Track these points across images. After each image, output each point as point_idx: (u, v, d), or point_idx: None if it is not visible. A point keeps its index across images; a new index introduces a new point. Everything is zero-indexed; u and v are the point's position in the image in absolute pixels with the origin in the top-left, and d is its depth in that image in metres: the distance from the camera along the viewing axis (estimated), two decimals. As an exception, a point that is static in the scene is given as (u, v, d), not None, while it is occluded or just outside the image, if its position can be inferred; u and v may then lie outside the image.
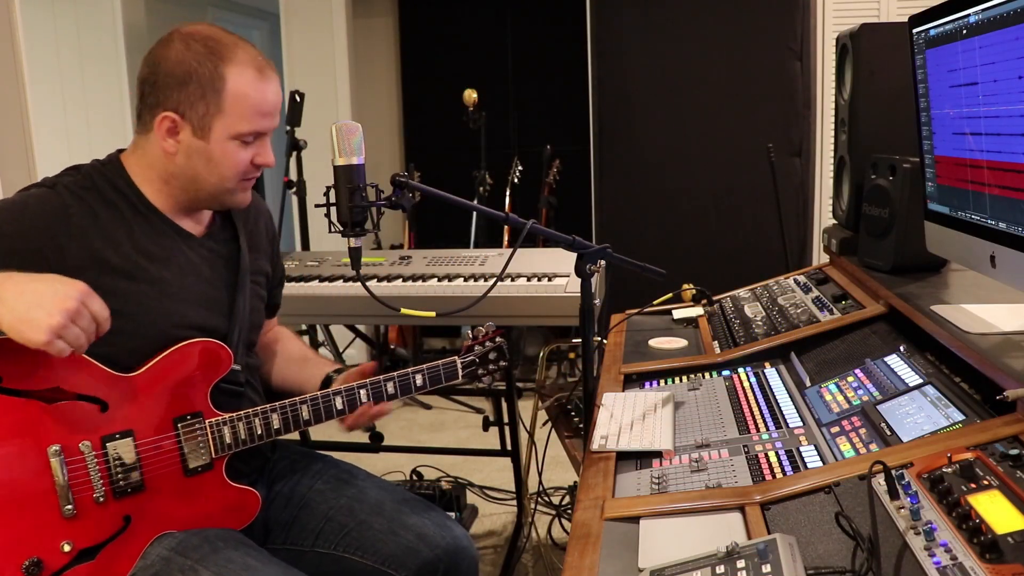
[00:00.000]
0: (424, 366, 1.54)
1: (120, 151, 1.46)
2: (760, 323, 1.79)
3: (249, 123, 1.37)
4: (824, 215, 3.82)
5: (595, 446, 1.31)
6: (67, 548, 1.30)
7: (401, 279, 2.27)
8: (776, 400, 1.41)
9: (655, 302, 2.01)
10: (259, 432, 1.43)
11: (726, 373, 1.59)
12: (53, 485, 1.29)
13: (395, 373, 1.51)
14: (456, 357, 1.58)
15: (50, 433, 1.30)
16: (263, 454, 1.59)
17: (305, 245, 3.98)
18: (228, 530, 1.42)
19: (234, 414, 1.42)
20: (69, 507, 1.30)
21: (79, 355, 1.32)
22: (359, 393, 1.48)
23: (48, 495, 1.29)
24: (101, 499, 1.32)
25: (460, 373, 1.57)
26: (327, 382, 1.59)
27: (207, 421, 1.40)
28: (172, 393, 1.38)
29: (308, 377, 1.63)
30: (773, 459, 1.19)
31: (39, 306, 1.17)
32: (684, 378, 1.62)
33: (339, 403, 1.47)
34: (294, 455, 1.65)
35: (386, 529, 1.50)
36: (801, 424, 1.30)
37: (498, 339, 1.62)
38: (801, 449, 1.21)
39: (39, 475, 1.29)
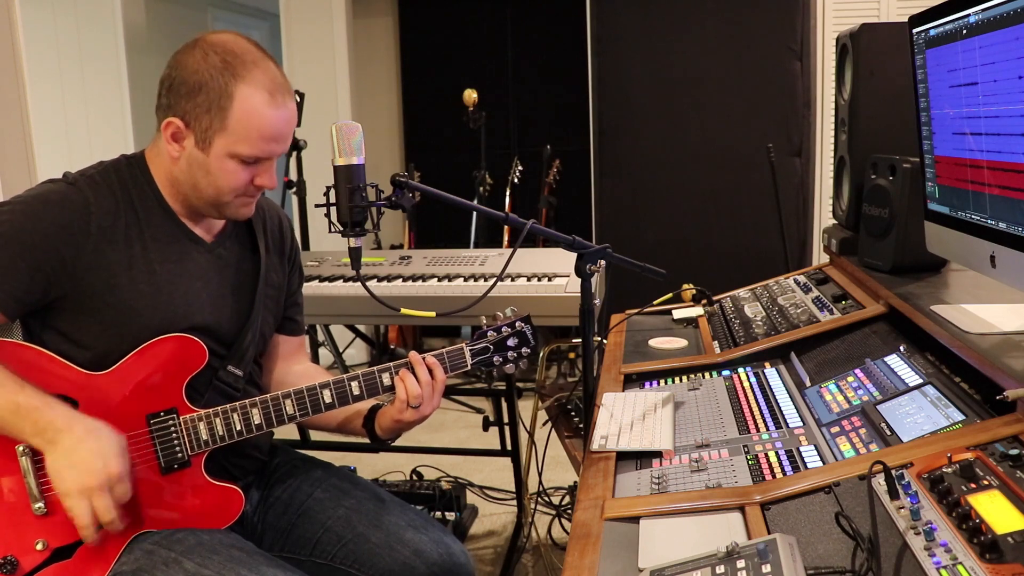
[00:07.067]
0: (426, 356, 1.47)
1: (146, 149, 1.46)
2: (760, 323, 1.79)
3: (250, 146, 1.35)
4: (824, 215, 3.82)
5: (595, 446, 1.31)
6: (40, 547, 1.30)
7: (401, 279, 2.27)
8: (776, 400, 1.41)
9: (655, 302, 2.01)
10: (238, 428, 1.40)
11: (726, 373, 1.59)
12: (23, 484, 1.30)
13: (391, 363, 1.45)
14: (464, 344, 1.50)
15: None
16: (257, 457, 1.57)
17: (305, 245, 3.98)
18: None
19: (210, 410, 1.40)
20: (39, 505, 1.30)
21: (49, 354, 1.34)
22: (350, 386, 1.43)
23: (19, 494, 1.30)
24: None
25: (469, 362, 1.49)
26: (373, 410, 1.55)
27: (181, 417, 1.38)
28: (145, 390, 1.37)
29: (349, 411, 1.55)
30: (773, 459, 1.19)
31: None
32: (684, 378, 1.62)
33: (327, 396, 1.43)
34: (294, 460, 1.64)
35: (383, 543, 1.48)
36: (801, 424, 1.30)
37: (519, 324, 1.52)
38: (801, 449, 1.21)
39: (9, 474, 1.30)
